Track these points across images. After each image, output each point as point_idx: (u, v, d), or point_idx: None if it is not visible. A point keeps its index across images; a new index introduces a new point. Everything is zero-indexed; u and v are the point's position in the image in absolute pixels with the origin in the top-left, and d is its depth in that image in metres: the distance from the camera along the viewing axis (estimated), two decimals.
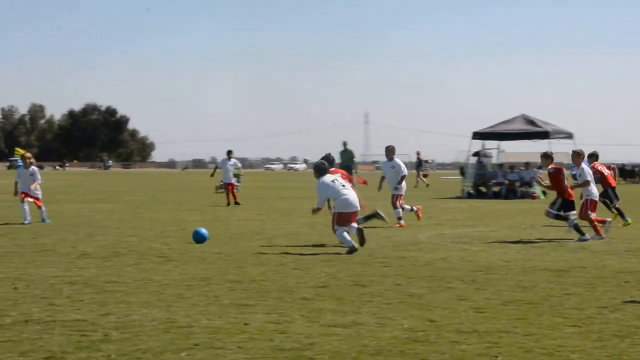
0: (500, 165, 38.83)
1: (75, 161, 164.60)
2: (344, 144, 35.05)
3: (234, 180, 29.52)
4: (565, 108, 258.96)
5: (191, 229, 18.37)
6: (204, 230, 15.71)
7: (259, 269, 11.92)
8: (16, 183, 20.62)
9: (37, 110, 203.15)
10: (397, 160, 20.72)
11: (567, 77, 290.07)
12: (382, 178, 21.15)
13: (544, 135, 35.76)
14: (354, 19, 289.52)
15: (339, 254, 13.75)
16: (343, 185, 14.49)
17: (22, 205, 19.80)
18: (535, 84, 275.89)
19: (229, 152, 29.85)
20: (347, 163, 33.33)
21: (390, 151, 20.79)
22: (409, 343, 7.29)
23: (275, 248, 14.65)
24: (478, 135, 37.46)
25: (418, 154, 51.98)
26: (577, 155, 17.59)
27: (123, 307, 8.77)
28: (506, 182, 35.80)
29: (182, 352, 6.88)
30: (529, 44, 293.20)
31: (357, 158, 39.71)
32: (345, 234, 14.07)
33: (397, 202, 20.16)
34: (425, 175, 51.40)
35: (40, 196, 20.36)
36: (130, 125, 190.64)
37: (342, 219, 14.25)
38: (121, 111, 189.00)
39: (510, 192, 35.08)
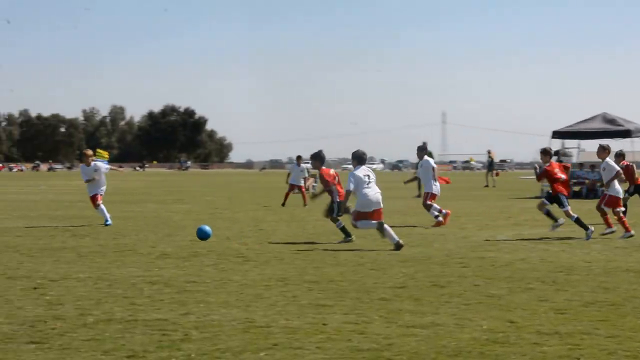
0: (581, 165, 38.12)
1: (154, 162, 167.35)
2: (424, 144, 34.96)
3: (302, 182, 29.59)
4: None
5: (269, 229, 18.54)
6: (207, 228, 16.10)
7: (337, 269, 11.93)
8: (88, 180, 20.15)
9: (117, 112, 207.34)
10: (427, 158, 21.00)
11: None
12: (416, 178, 21.48)
13: (625, 134, 34.99)
14: (431, 17, 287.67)
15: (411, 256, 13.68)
16: (368, 184, 14.77)
17: (98, 209, 19.88)
18: (616, 80, 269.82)
19: (299, 158, 30.14)
20: None
21: (421, 150, 21.08)
22: (489, 344, 7.21)
23: (353, 248, 14.65)
24: (558, 135, 36.85)
25: (489, 152, 51.38)
26: (602, 150, 17.53)
27: (202, 307, 8.88)
28: (587, 181, 35.13)
29: (261, 352, 6.94)
30: (607, 40, 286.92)
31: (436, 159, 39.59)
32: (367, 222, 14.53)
33: (428, 202, 20.04)
34: (496, 174, 50.83)
35: (103, 193, 20.19)
36: (208, 126, 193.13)
37: (361, 216, 14.64)
38: (199, 112, 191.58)
39: (590, 192, 34.41)
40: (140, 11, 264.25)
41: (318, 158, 16.46)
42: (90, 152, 20.90)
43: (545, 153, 17.43)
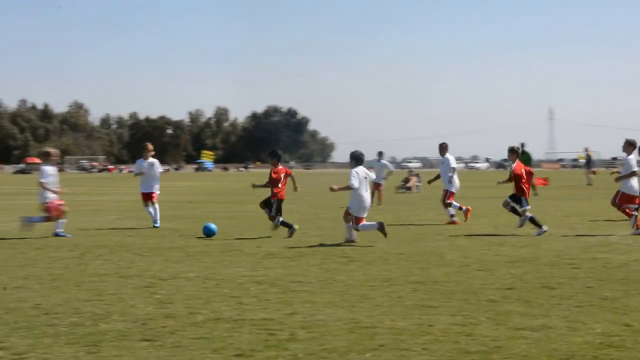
0: None
1: (257, 163, 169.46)
2: (522, 145, 34.42)
3: (383, 180, 29.46)
4: None
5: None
6: (213, 225, 17.09)
7: (442, 270, 11.84)
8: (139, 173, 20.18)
9: (221, 114, 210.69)
10: (448, 155, 21.28)
11: None
12: (438, 175, 21.69)
13: None
14: (538, 11, 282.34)
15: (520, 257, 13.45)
16: (366, 187, 15.50)
17: (147, 209, 20.01)
18: None
19: (380, 154, 30.06)
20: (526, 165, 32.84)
21: (442, 148, 21.33)
22: (603, 348, 7.03)
23: (458, 249, 14.51)
24: None
25: (586, 150, 50.09)
26: (628, 145, 17.41)
27: (308, 307, 8.93)
28: None
29: (367, 353, 6.93)
30: None
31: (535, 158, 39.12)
32: (368, 223, 15.31)
33: (447, 200, 20.32)
34: (593, 173, 49.51)
35: (158, 192, 20.22)
36: (311, 126, 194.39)
37: (349, 216, 15.45)
38: (301, 112, 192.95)
39: None
40: (243, 15, 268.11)
41: (274, 155, 17.53)
42: (151, 146, 20.57)
43: (512, 152, 17.98)
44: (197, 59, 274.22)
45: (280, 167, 17.53)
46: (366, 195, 15.54)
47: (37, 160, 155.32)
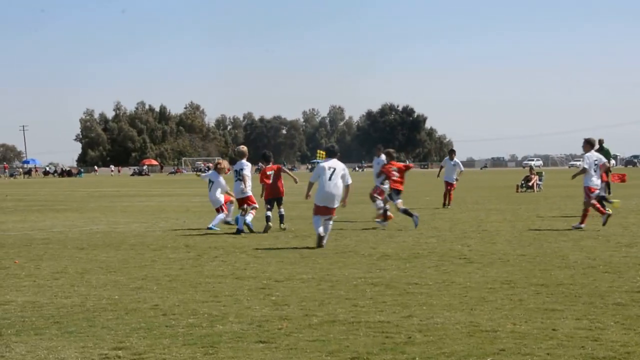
0: None
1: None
2: (600, 142, 33.43)
3: (455, 179, 28.92)
4: None
5: (492, 230, 18.28)
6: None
7: (566, 272, 11.57)
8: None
9: (336, 112, 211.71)
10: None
11: None
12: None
13: None
14: None
15: None
16: (330, 178, 15.91)
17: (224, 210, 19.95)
18: None
19: (451, 152, 29.58)
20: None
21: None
22: None
23: (583, 250, 14.16)
24: None
25: None
26: (586, 143, 19.20)
27: (425, 310, 8.88)
28: None
29: (487, 357, 6.84)
30: None
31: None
32: (318, 221, 15.62)
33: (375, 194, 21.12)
34: None
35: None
36: (428, 125, 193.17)
37: (316, 209, 15.88)
38: (418, 110, 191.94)
39: None
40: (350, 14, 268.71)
41: (264, 157, 19.50)
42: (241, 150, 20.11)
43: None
44: (305, 57, 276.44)
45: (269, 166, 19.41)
46: (327, 184, 15.88)
47: (154, 162, 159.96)
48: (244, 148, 20.20)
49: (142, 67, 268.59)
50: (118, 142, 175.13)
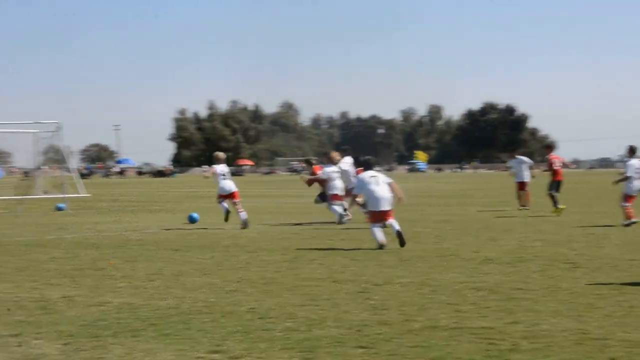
0: None
1: (473, 162, 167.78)
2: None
3: (528, 178, 28.28)
4: None
5: (600, 233, 17.93)
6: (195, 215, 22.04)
7: None
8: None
9: (435, 112, 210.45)
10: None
11: None
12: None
13: None
14: None
15: None
16: (378, 184, 16.19)
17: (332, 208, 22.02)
18: None
19: (513, 151, 29.03)
20: None
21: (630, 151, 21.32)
22: None
23: None
24: None
25: None
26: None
27: (531, 316, 8.77)
28: None
29: None
30: None
31: None
32: (377, 229, 15.79)
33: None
34: None
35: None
36: (530, 124, 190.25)
37: (374, 216, 16.04)
38: (521, 109, 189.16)
39: None
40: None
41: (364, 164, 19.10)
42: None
43: (309, 163, 23.40)
44: (404, 55, 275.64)
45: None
46: (376, 189, 16.11)
47: (249, 162, 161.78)
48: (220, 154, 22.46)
49: (235, 66, 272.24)
50: (212, 142, 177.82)
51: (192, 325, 8.49)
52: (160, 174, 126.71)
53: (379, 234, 15.67)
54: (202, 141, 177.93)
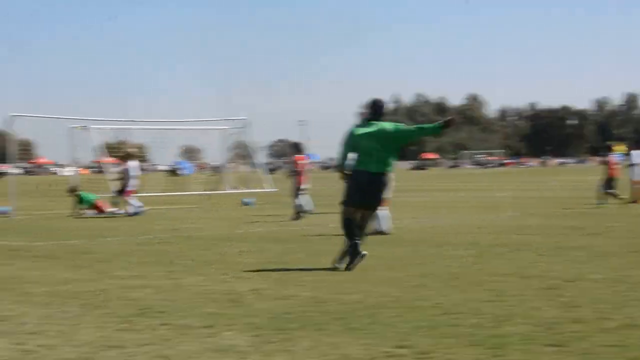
0: None
1: None
2: None
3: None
4: None
5: None
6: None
7: None
8: None
9: (632, 100, 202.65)
10: None
11: None
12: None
13: None
14: None
15: None
16: None
17: None
18: None
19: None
20: None
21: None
22: None
23: None
24: None
25: None
26: None
27: None
28: None
29: None
30: None
31: None
32: None
33: None
34: None
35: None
36: None
37: None
38: None
39: None
40: None
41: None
42: None
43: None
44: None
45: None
46: None
47: (434, 156, 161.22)
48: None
49: (421, 58, 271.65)
50: None
51: (377, 320, 8.52)
52: None
53: None
54: None
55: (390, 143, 12.54)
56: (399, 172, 22.10)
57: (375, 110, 12.75)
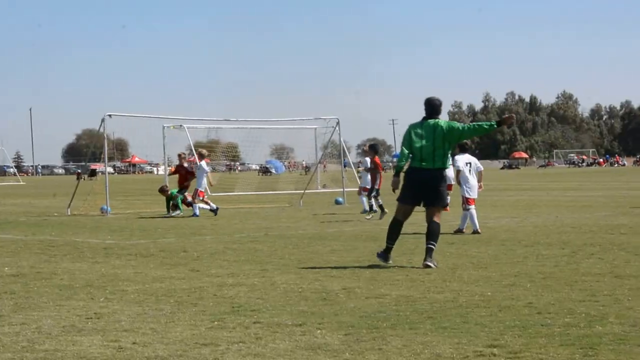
0: None
1: None
2: None
3: None
4: None
5: None
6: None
7: None
8: None
9: None
10: None
11: None
12: None
13: None
14: None
15: None
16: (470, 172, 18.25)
17: None
18: None
19: None
20: None
21: None
22: None
23: None
24: None
25: None
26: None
27: None
28: None
29: None
30: None
31: None
32: None
33: None
34: None
35: None
36: None
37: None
38: None
39: None
40: None
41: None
42: None
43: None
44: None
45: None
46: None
47: (524, 155, 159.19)
48: None
49: (511, 58, 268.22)
50: (488, 135, 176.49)
51: (469, 319, 8.51)
52: None
53: None
54: None
55: (445, 141, 12.72)
56: (490, 171, 21.90)
57: (431, 109, 12.92)
